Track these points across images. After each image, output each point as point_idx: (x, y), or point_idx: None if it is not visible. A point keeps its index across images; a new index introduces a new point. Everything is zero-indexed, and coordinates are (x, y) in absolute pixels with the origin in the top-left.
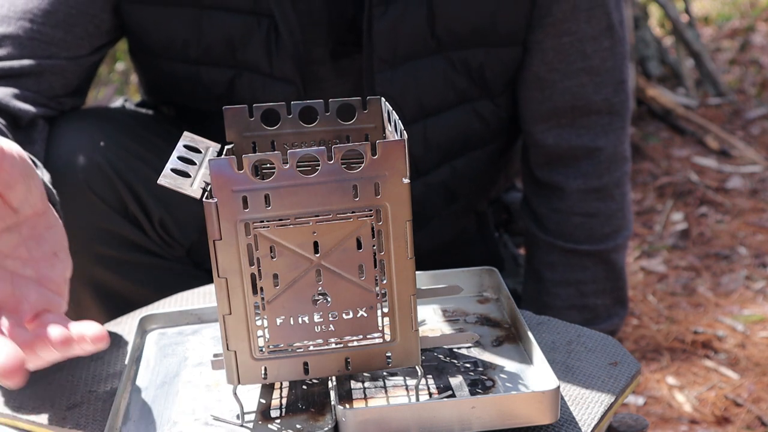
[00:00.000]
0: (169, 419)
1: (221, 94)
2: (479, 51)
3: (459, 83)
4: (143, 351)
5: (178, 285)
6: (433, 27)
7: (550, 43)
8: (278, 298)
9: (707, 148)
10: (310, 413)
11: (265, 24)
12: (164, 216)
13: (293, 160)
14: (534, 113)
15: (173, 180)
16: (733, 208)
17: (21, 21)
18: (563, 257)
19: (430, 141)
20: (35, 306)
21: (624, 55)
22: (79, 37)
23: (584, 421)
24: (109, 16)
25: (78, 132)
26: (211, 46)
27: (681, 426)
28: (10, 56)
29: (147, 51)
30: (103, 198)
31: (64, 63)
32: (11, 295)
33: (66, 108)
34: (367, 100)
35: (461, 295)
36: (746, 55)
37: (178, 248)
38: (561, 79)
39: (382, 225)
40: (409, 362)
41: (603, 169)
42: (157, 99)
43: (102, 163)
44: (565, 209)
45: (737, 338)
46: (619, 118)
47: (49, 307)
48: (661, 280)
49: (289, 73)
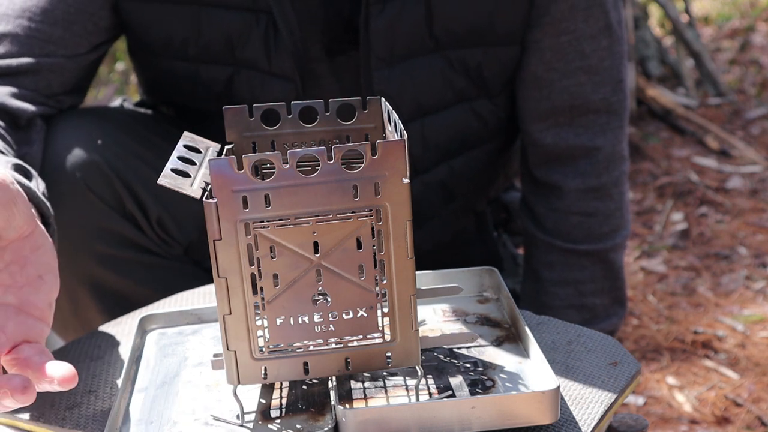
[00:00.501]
0: (169, 419)
1: (220, 93)
2: (477, 50)
3: (457, 82)
4: (143, 351)
5: (177, 283)
6: (431, 26)
7: (548, 42)
8: (278, 298)
9: (707, 148)
10: (310, 413)
11: (263, 21)
12: (162, 214)
13: (293, 160)
14: (532, 112)
15: (173, 180)
16: (733, 208)
17: (19, 19)
18: (561, 257)
19: (428, 140)
20: (12, 337)
21: (622, 55)
22: (77, 35)
23: (584, 421)
24: (108, 13)
25: (76, 130)
26: (210, 44)
27: (681, 426)
28: (8, 54)
29: (146, 49)
30: (101, 196)
31: (63, 61)
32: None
33: (64, 106)
34: (367, 100)
35: (461, 295)
36: (746, 55)
37: (177, 247)
38: (559, 79)
39: (382, 225)
40: (409, 362)
41: (601, 168)
42: (157, 98)
43: (100, 161)
44: (563, 208)
45: (737, 338)
46: (617, 117)
47: (28, 335)
48: (661, 280)
49: (288, 71)
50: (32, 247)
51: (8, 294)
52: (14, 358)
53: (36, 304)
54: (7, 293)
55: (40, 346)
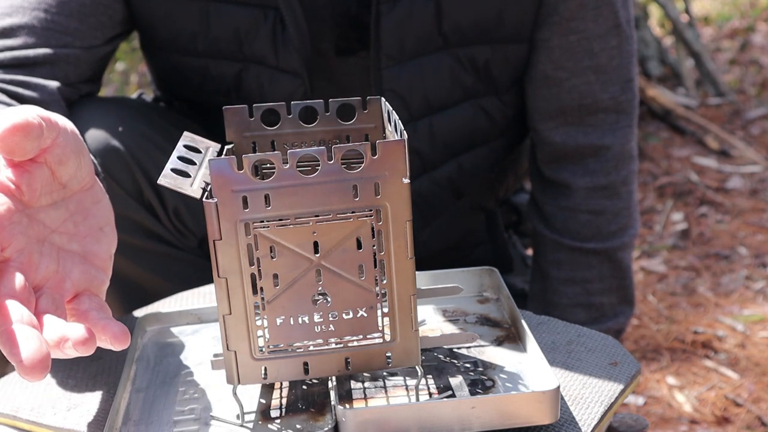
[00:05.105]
0: (169, 419)
1: (230, 88)
2: (485, 48)
3: (465, 80)
4: (143, 351)
5: (189, 275)
6: (440, 24)
7: (557, 41)
8: (278, 298)
9: (707, 148)
10: (310, 413)
11: (271, 16)
12: (179, 205)
13: (293, 160)
14: (541, 111)
15: (173, 180)
16: (733, 208)
17: (36, 11)
18: (569, 255)
19: (437, 137)
20: (77, 284)
21: (631, 54)
22: (93, 27)
23: (584, 421)
24: (121, 7)
25: (97, 117)
26: (219, 39)
27: (681, 426)
28: (25, 45)
29: (156, 44)
30: (120, 183)
31: (79, 52)
32: (55, 272)
33: (82, 93)
34: (367, 100)
35: (461, 295)
36: (746, 55)
37: (191, 238)
38: (568, 78)
39: (382, 225)
40: (409, 362)
41: (610, 167)
42: (168, 93)
43: (120, 148)
44: (571, 207)
45: (737, 338)
46: (627, 116)
47: (91, 283)
48: (661, 280)
49: (296, 66)
50: (93, 200)
51: (73, 242)
52: (74, 308)
53: (98, 254)
54: (72, 242)
55: (100, 300)
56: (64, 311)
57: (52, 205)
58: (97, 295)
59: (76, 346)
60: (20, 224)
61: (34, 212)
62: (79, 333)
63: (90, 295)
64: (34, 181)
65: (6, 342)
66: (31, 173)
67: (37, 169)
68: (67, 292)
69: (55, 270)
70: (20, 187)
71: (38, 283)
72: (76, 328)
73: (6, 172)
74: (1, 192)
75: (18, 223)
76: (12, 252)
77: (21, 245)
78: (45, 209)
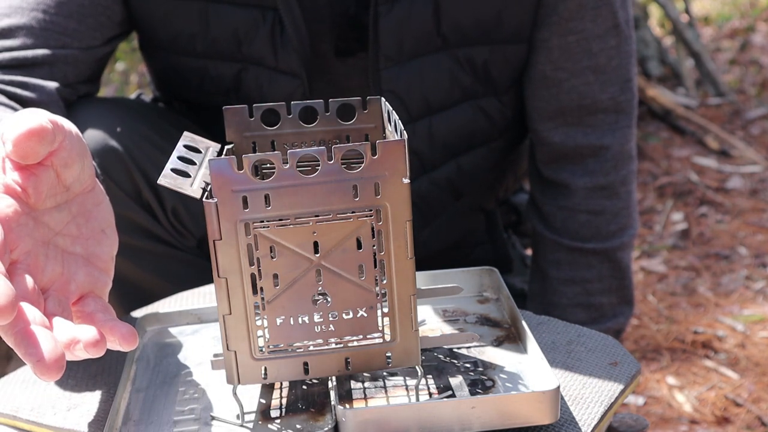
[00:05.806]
0: (169, 419)
1: (229, 88)
2: (484, 48)
3: (464, 80)
4: (143, 351)
5: (188, 276)
6: (439, 24)
7: (556, 41)
8: (278, 298)
9: (707, 148)
10: (310, 413)
11: (270, 17)
12: (177, 205)
13: (293, 160)
14: (540, 111)
15: (173, 180)
16: (733, 208)
17: (34, 12)
18: (569, 255)
19: (436, 138)
20: (81, 286)
21: (630, 54)
22: (91, 28)
23: (584, 421)
24: (120, 7)
25: (95, 117)
26: (218, 40)
27: (681, 426)
28: (24, 46)
29: (155, 45)
30: (118, 183)
31: (77, 53)
32: (60, 274)
33: (81, 93)
34: (367, 100)
35: (461, 295)
36: (746, 55)
37: (190, 238)
38: (567, 78)
39: (382, 225)
40: (409, 362)
41: (609, 167)
42: (168, 94)
43: (118, 148)
44: (571, 207)
45: (737, 338)
46: (626, 116)
47: (95, 285)
48: (661, 280)
49: (295, 67)
50: (94, 202)
51: (76, 245)
52: (79, 311)
53: (100, 256)
54: (75, 244)
55: (104, 302)
56: (71, 313)
57: (56, 207)
58: (101, 297)
59: (87, 347)
60: (27, 226)
61: (39, 215)
62: (90, 335)
63: (94, 297)
64: (40, 184)
65: (21, 342)
66: (37, 176)
67: (44, 172)
68: (72, 295)
69: (60, 272)
70: (26, 190)
71: (44, 286)
72: (87, 330)
73: (13, 175)
74: (8, 194)
75: (25, 226)
76: (19, 254)
77: (28, 247)
78: (49, 212)
